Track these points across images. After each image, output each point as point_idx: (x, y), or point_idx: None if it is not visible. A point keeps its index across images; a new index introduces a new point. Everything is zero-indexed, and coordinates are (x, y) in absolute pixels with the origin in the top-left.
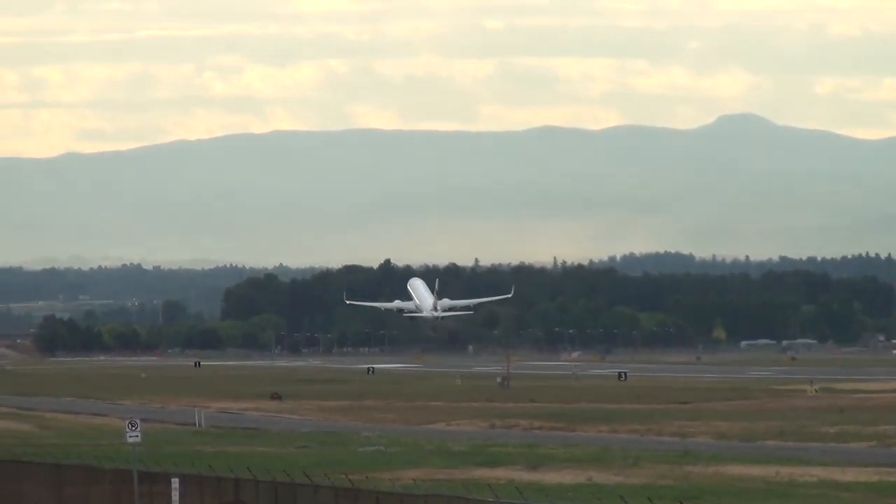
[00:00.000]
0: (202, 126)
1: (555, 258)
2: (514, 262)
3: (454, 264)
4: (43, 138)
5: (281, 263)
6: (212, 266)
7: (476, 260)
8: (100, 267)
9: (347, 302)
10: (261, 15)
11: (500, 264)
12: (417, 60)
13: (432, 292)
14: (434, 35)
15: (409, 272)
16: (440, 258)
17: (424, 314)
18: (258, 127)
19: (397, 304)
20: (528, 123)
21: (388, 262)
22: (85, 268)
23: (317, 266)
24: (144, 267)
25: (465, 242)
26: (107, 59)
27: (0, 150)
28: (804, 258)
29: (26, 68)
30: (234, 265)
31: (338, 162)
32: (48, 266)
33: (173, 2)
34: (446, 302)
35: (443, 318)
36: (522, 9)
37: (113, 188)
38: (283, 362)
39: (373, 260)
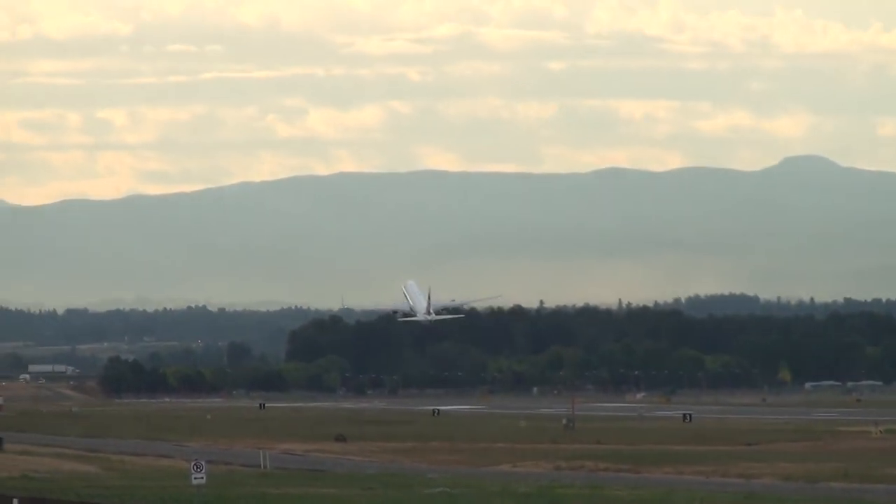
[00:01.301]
0: (266, 168)
1: (619, 300)
2: (579, 303)
3: (519, 306)
4: (107, 180)
5: (345, 305)
6: (276, 308)
7: (541, 302)
8: (164, 309)
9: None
10: (324, 57)
11: (564, 306)
12: (481, 102)
13: (426, 295)
14: (497, 77)
15: (473, 315)
16: (505, 300)
17: (419, 317)
18: (322, 169)
19: (391, 306)
20: (592, 165)
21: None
22: (150, 309)
23: (381, 308)
24: (209, 309)
25: (529, 284)
26: (171, 101)
27: (64, 191)
28: (869, 300)
29: (90, 110)
30: (298, 307)
31: (402, 203)
32: (113, 308)
33: (237, 44)
34: (438, 304)
35: (435, 320)
36: (585, 50)
37: (177, 230)
38: (348, 404)
39: (436, 302)
